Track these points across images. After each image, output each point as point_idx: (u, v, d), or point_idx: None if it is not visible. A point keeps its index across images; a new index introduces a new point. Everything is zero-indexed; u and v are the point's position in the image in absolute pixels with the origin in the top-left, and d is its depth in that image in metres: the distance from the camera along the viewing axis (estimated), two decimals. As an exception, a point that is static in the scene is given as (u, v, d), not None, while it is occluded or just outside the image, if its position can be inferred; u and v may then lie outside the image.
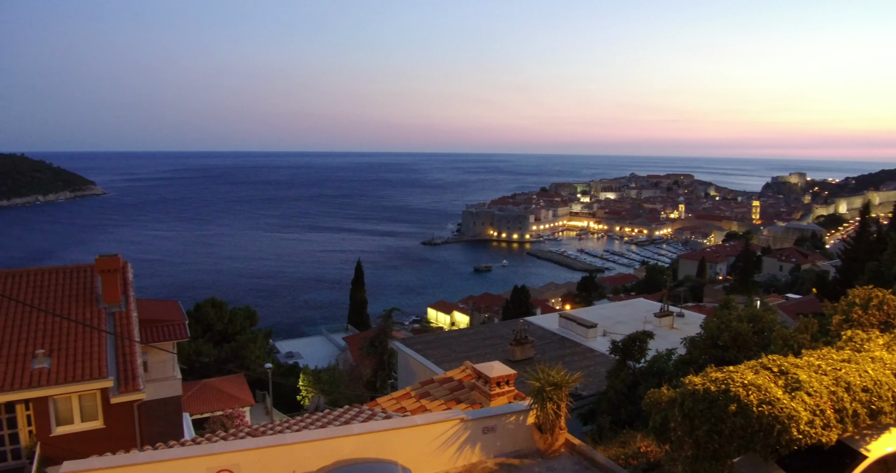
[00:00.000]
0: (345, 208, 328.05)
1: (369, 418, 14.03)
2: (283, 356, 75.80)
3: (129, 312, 23.27)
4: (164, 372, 25.61)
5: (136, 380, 20.75)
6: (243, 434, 14.10)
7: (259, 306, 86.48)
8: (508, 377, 14.46)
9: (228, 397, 41.77)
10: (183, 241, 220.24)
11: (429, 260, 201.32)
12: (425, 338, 34.72)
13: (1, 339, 21.10)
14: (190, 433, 29.94)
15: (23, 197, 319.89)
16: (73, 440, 20.65)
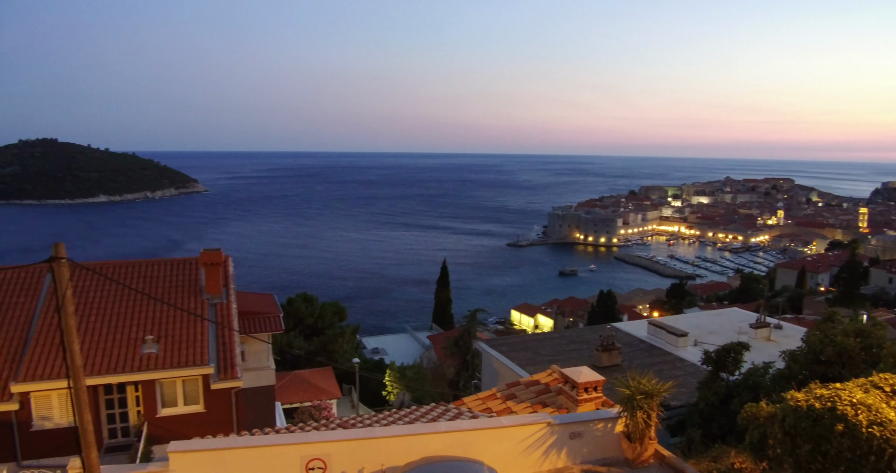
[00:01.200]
0: (433, 208, 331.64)
1: (456, 417, 14.21)
2: (370, 351, 77.52)
3: (229, 303, 24.54)
4: (260, 362, 26.80)
5: (234, 368, 21.87)
6: (334, 425, 14.58)
7: (348, 302, 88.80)
8: (596, 384, 14.29)
9: (317, 389, 43.16)
10: (279, 236, 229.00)
11: (514, 262, 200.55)
12: (510, 340, 34.67)
13: (115, 324, 22.77)
14: (281, 421, 31.16)
15: (133, 193, 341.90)
16: (175, 421, 21.97)
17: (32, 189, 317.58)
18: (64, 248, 10.49)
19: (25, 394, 20.76)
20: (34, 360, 21.14)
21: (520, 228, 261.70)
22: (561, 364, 16.93)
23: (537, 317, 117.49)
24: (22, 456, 21.02)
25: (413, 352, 77.62)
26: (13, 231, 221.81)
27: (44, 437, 21.19)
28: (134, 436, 21.64)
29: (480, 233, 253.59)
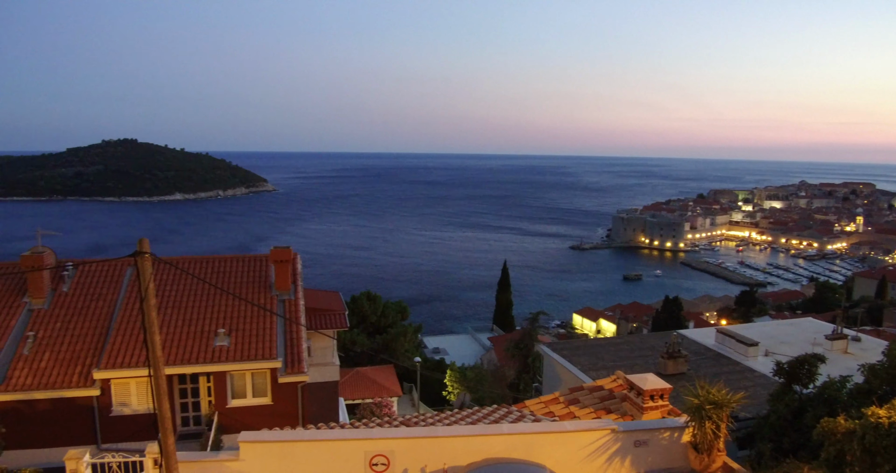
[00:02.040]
0: (496, 209, 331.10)
1: (518, 419, 14.20)
2: (431, 351, 78.04)
3: (297, 300, 25.21)
4: (325, 358, 27.40)
5: (301, 363, 22.45)
6: (397, 423, 14.80)
7: (410, 301, 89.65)
8: (663, 391, 14.02)
9: (378, 386, 43.75)
10: (345, 235, 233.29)
11: (576, 265, 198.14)
12: (572, 344, 34.29)
13: (190, 317, 23.73)
14: (344, 417, 31.75)
15: (206, 191, 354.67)
16: (244, 412, 22.71)
17: (114, 187, 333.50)
18: (147, 243, 11.04)
19: (106, 381, 21.87)
20: (115, 349, 22.26)
21: (583, 230, 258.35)
22: (625, 371, 16.68)
23: (600, 322, 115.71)
24: (102, 440, 22.15)
25: (473, 353, 77.74)
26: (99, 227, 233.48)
27: (122, 422, 22.27)
28: (205, 425, 22.47)
29: (543, 235, 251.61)
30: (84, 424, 22.05)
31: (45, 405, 21.65)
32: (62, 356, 22.37)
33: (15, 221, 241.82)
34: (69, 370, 21.99)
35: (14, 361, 22.12)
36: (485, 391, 47.92)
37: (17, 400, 21.29)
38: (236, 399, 22.72)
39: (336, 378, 27.81)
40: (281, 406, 22.65)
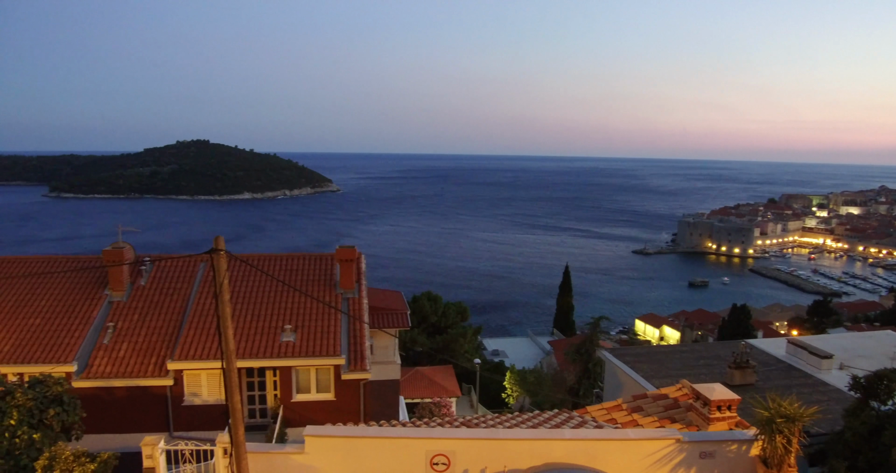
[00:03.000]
0: (559, 212, 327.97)
1: (580, 425, 14.08)
2: (490, 353, 77.97)
3: (361, 298, 25.69)
4: (387, 356, 27.80)
5: (364, 361, 22.86)
6: (458, 423, 14.90)
7: (471, 302, 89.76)
8: (731, 402, 13.65)
9: (438, 386, 44.03)
10: (407, 235, 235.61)
11: (640, 270, 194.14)
12: (635, 350, 33.69)
13: (258, 313, 24.51)
14: (404, 415, 32.10)
15: (274, 191, 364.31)
16: (308, 407, 23.28)
17: (186, 186, 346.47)
18: (223, 241, 11.48)
19: (179, 372, 22.82)
20: (188, 341, 23.19)
21: (647, 235, 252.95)
22: (689, 380, 16.30)
23: (663, 328, 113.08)
24: (174, 428, 23.12)
25: (533, 356, 77.25)
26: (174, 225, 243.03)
27: (193, 412, 23.19)
28: (270, 418, 23.16)
29: (606, 238, 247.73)
30: (157, 412, 23.06)
31: (122, 393, 22.77)
32: (139, 347, 23.47)
33: (97, 217, 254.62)
34: (145, 359, 23.05)
35: (95, 350, 23.35)
36: (544, 395, 47.59)
37: (97, 387, 22.47)
38: (301, 394, 23.32)
39: (397, 377, 28.17)
40: (343, 402, 23.12)
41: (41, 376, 17.03)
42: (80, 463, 12.66)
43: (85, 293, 25.63)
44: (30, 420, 15.44)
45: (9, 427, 14.78)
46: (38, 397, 15.99)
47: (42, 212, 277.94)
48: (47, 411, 15.98)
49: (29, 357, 22.67)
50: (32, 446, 14.90)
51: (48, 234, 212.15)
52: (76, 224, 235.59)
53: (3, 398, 15.57)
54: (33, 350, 22.98)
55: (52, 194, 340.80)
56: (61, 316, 24.52)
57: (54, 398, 16.41)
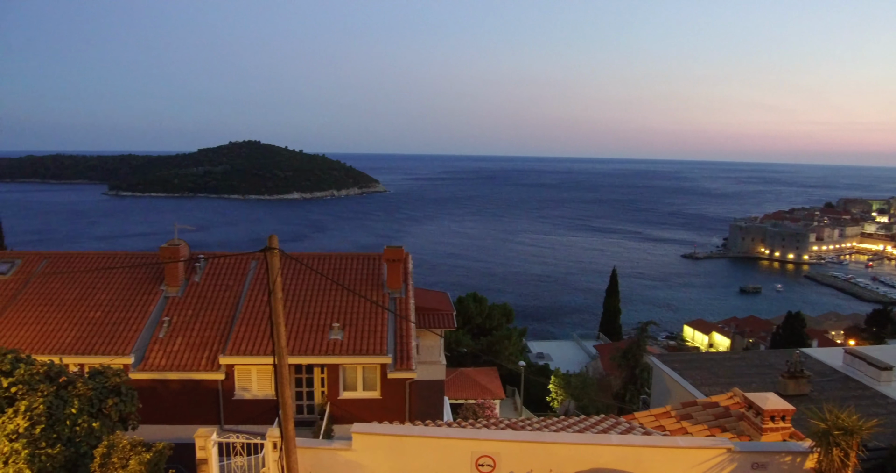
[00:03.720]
0: (607, 214, 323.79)
1: (627, 431, 13.91)
2: (535, 355, 77.50)
3: (407, 298, 25.90)
4: (432, 357, 27.94)
5: (409, 360, 23.04)
6: (504, 425, 14.88)
7: (516, 304, 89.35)
8: (785, 413, 13.29)
9: (482, 387, 44.01)
10: (454, 236, 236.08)
11: (689, 274, 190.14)
12: (684, 357, 33.00)
13: (307, 310, 24.94)
14: (448, 415, 32.19)
15: (322, 191, 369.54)
16: (354, 405, 23.59)
17: (238, 185, 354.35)
18: (277, 239, 11.74)
19: (231, 366, 23.40)
20: (239, 337, 23.76)
21: (697, 238, 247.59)
22: (741, 388, 15.93)
23: (712, 335, 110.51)
24: (224, 421, 23.70)
25: (578, 360, 76.46)
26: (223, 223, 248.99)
27: (242, 406, 23.74)
28: (318, 414, 23.53)
29: (654, 242, 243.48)
30: (209, 405, 23.69)
31: (176, 386, 23.47)
32: (193, 341, 24.16)
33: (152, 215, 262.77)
34: (198, 354, 23.71)
35: (151, 343, 24.13)
36: (589, 399, 47.11)
37: (152, 379, 23.22)
38: (347, 392, 23.64)
39: (442, 377, 28.30)
40: (389, 401, 23.34)
41: (101, 367, 17.69)
42: (137, 452, 13.11)
43: (142, 288, 26.52)
44: (90, 409, 16.04)
45: (70, 416, 15.38)
46: (97, 387, 16.60)
47: (102, 210, 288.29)
48: (106, 401, 16.58)
49: (89, 349, 23.58)
50: (92, 434, 15.48)
51: (108, 231, 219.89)
52: (134, 222, 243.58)
53: (66, 388, 16.22)
54: (93, 342, 23.89)
55: (111, 193, 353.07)
56: (120, 310, 25.43)
57: (113, 388, 17.02)
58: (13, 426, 14.47)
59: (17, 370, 15.92)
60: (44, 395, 15.45)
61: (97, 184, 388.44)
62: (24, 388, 15.59)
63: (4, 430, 14.50)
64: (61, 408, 15.40)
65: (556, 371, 55.21)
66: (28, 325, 24.86)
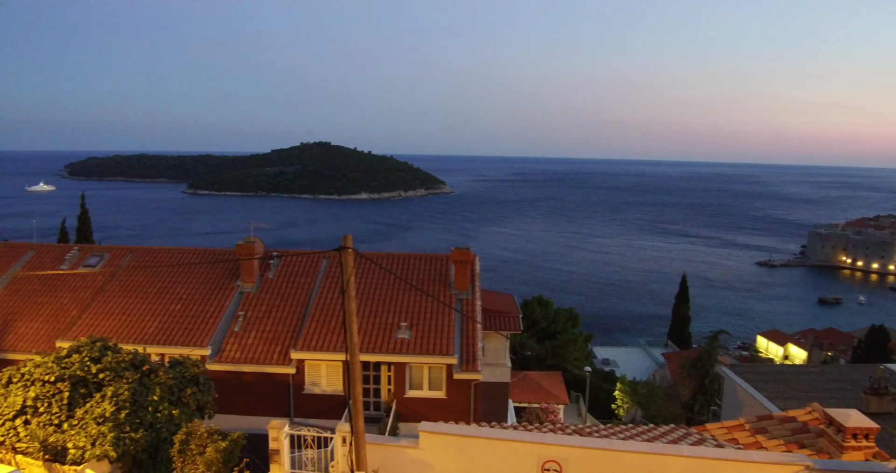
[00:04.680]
0: (679, 219, 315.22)
1: (698, 442, 13.57)
2: (600, 361, 76.29)
3: (474, 300, 26.00)
4: (497, 359, 27.93)
5: (475, 362, 23.13)
6: (570, 430, 14.77)
7: (582, 308, 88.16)
8: (868, 431, 12.67)
9: (546, 392, 43.68)
10: (520, 238, 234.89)
11: (764, 283, 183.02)
12: (758, 369, 31.91)
13: (376, 309, 25.38)
14: (512, 419, 32.11)
15: (389, 192, 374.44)
16: (419, 403, 23.85)
17: (309, 185, 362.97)
18: (351, 239, 12.04)
19: (301, 361, 24.07)
20: (310, 333, 24.41)
21: (773, 245, 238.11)
22: (819, 403, 15.28)
23: (788, 347, 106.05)
24: (294, 414, 24.38)
25: (645, 368, 74.83)
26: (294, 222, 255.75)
27: (312, 400, 24.36)
28: (384, 411, 23.91)
29: (728, 248, 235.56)
30: (280, 398, 24.43)
31: (249, 378, 24.30)
32: (266, 335, 24.97)
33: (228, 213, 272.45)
34: (271, 348, 24.49)
35: (227, 336, 25.07)
36: (657, 408, 46.06)
37: (227, 371, 24.11)
38: (413, 390, 23.92)
39: (507, 380, 28.24)
40: (454, 401, 23.49)
41: (180, 357, 18.53)
42: (213, 440, 13.66)
43: (219, 284, 27.59)
44: (170, 397, 16.83)
45: (152, 403, 16.18)
46: (177, 376, 17.40)
47: (181, 207, 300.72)
48: (185, 390, 17.36)
49: (170, 340, 24.71)
50: (171, 421, 16.23)
51: (187, 227, 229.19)
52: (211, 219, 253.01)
53: (148, 376, 17.07)
54: (173, 334, 25.02)
55: (189, 191, 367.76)
56: (198, 303, 26.53)
57: (191, 378, 17.80)
58: (101, 410, 15.34)
59: (105, 357, 16.87)
60: (129, 382, 16.32)
61: (177, 183, 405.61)
62: (111, 375, 16.50)
63: (93, 414, 15.39)
64: (144, 395, 16.21)
65: (622, 378, 54.19)
66: (114, 315, 26.26)
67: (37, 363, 16.67)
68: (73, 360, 16.66)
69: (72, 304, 27.28)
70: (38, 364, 16.58)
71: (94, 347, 17.33)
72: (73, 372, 16.21)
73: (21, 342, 25.62)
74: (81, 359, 16.63)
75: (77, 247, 31.86)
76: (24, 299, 27.93)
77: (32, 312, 27.14)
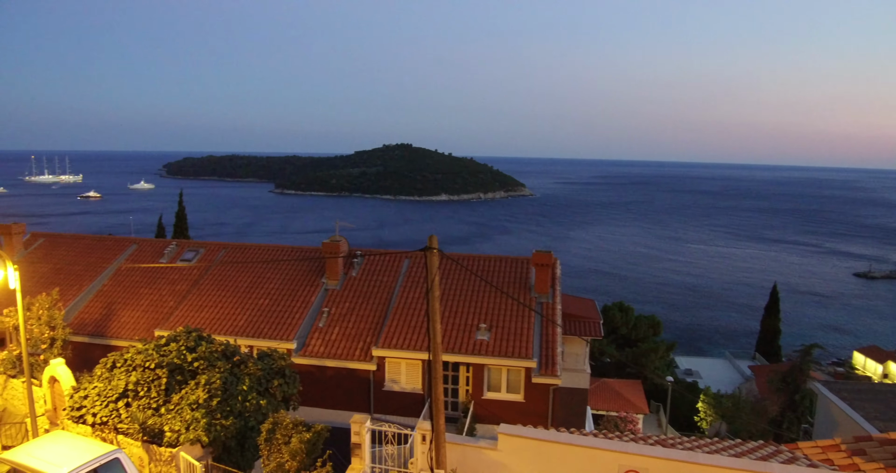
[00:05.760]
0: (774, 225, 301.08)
1: (790, 461, 13.00)
2: (682, 371, 73.90)
3: (555, 304, 25.76)
4: (576, 364, 27.59)
5: (555, 366, 22.92)
6: (652, 441, 14.44)
7: (664, 315, 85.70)
8: (981, 458, 11.81)
9: (625, 400, 42.73)
10: (602, 242, 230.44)
11: (862, 295, 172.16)
12: (855, 386, 30.11)
13: (455, 309, 25.56)
14: (590, 426, 31.62)
15: (468, 194, 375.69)
16: (497, 406, 23.84)
17: (390, 186, 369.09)
18: (436, 240, 12.20)
19: (382, 358, 24.54)
20: (391, 331, 24.85)
21: (874, 254, 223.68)
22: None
23: (888, 365, 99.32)
24: (373, 410, 24.88)
25: (730, 380, 71.88)
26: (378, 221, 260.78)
27: (391, 397, 24.79)
28: (461, 412, 24.04)
29: (822, 257, 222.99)
30: (360, 393, 24.99)
31: (331, 372, 24.98)
32: (348, 332, 25.61)
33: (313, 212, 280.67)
34: (353, 344, 25.10)
35: (312, 331, 25.87)
36: (742, 423, 44.22)
37: (311, 365, 24.88)
38: (491, 392, 23.95)
39: (586, 386, 27.84)
40: (532, 405, 23.35)
41: (268, 350, 19.28)
42: (298, 431, 14.14)
43: (305, 280, 28.51)
44: (258, 387, 17.54)
45: (241, 392, 16.89)
46: (265, 368, 18.11)
47: (270, 206, 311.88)
48: (272, 381, 18.04)
49: (258, 333, 25.73)
50: (259, 410, 16.90)
51: (275, 225, 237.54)
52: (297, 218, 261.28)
53: (238, 367, 17.85)
54: (262, 327, 26.04)
55: (276, 191, 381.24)
56: (285, 299, 27.52)
57: (278, 370, 18.49)
58: (195, 396, 16.15)
59: (200, 347, 17.76)
60: (221, 371, 17.11)
61: (265, 182, 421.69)
62: (205, 364, 17.35)
63: (188, 400, 16.23)
64: (234, 384, 16.95)
65: (706, 390, 52.30)
66: (207, 307, 27.59)
67: (138, 349, 17.74)
68: (170, 348, 17.62)
69: (169, 295, 28.87)
70: (139, 351, 17.64)
71: (189, 337, 18.27)
72: (171, 360, 17.13)
73: (123, 330, 27.34)
74: (178, 348, 17.56)
75: (175, 242, 33.67)
76: (127, 289, 29.78)
77: (134, 301, 28.90)
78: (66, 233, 36.72)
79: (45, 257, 32.62)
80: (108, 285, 30.20)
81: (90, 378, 17.59)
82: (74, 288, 29.90)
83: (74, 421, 16.83)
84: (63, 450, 14.35)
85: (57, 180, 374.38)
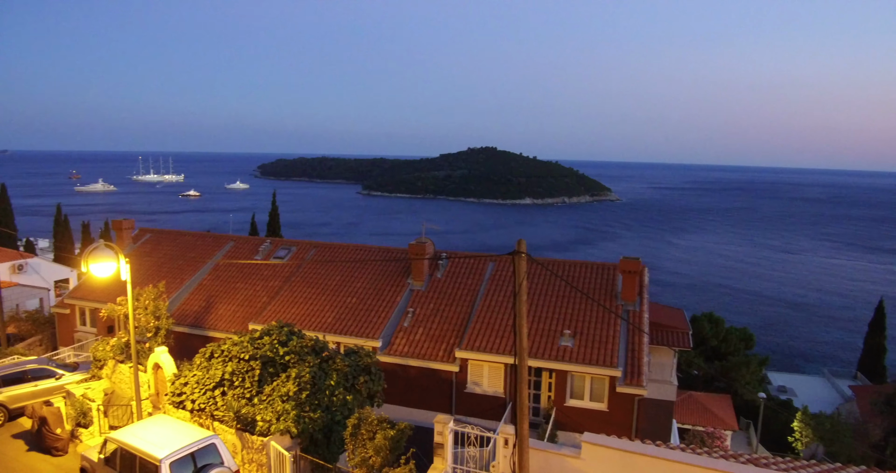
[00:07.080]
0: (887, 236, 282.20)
1: (898, 487, 12.20)
2: (775, 388, 70.33)
3: (642, 312, 25.15)
4: (663, 376, 26.80)
5: (640, 376, 22.37)
6: (744, 459, 13.89)
7: (757, 329, 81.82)
8: None
9: (712, 415, 41.16)
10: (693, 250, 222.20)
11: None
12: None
13: (539, 314, 25.40)
14: (675, 439, 30.64)
15: (553, 197, 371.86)
16: (579, 413, 23.51)
17: (475, 189, 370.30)
18: (525, 244, 12.20)
19: (465, 360, 24.68)
20: (474, 333, 24.97)
21: None
22: None
23: None
24: (455, 411, 25.05)
25: (827, 400, 67.78)
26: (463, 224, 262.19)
27: (472, 399, 24.89)
28: (542, 418, 23.85)
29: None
30: (442, 394, 25.21)
31: (415, 372, 25.34)
32: (432, 333, 25.91)
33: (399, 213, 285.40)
34: (437, 345, 25.37)
35: (396, 331, 26.34)
36: (841, 445, 41.66)
37: (395, 364, 25.32)
38: (573, 400, 23.64)
39: (672, 398, 27.00)
40: (615, 415, 22.88)
41: (355, 347, 19.78)
42: (382, 428, 14.43)
43: (392, 280, 29.06)
44: (345, 383, 18.01)
45: (329, 387, 17.40)
46: (352, 365, 18.58)
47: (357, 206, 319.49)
48: (358, 378, 18.49)
49: (345, 330, 26.44)
50: (345, 405, 17.36)
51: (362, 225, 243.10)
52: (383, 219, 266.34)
53: (327, 362, 18.39)
54: (349, 325, 26.74)
55: (364, 192, 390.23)
56: (372, 298, 28.15)
57: (364, 367, 18.93)
58: (286, 389, 16.78)
59: (291, 341, 18.43)
60: (310, 366, 17.70)
61: (353, 184, 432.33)
62: (295, 358, 17.99)
63: (279, 392, 16.88)
64: (323, 379, 17.49)
65: (804, 409, 49.56)
66: (298, 303, 28.60)
67: (234, 341, 18.60)
68: (264, 341, 18.38)
69: (263, 291, 30.12)
70: (235, 343, 18.50)
71: (281, 331, 19.00)
72: (264, 353, 17.87)
73: (221, 322, 28.73)
74: (271, 341, 18.29)
75: (269, 240, 35.09)
76: (225, 283, 31.30)
77: (231, 296, 30.33)
78: (170, 229, 39.02)
79: (152, 252, 34.78)
80: (207, 280, 31.83)
81: (190, 367, 18.60)
82: (177, 281, 31.72)
83: (175, 406, 17.84)
84: (165, 433, 15.33)
85: (161, 179, 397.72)
